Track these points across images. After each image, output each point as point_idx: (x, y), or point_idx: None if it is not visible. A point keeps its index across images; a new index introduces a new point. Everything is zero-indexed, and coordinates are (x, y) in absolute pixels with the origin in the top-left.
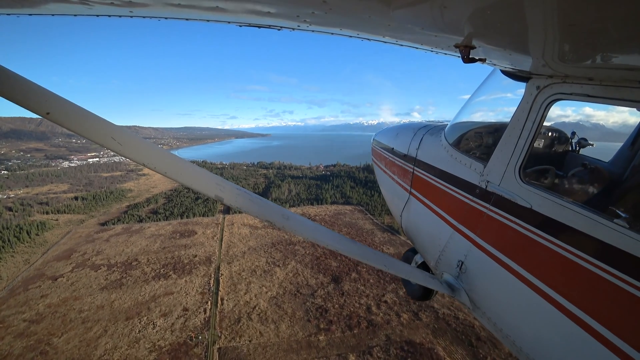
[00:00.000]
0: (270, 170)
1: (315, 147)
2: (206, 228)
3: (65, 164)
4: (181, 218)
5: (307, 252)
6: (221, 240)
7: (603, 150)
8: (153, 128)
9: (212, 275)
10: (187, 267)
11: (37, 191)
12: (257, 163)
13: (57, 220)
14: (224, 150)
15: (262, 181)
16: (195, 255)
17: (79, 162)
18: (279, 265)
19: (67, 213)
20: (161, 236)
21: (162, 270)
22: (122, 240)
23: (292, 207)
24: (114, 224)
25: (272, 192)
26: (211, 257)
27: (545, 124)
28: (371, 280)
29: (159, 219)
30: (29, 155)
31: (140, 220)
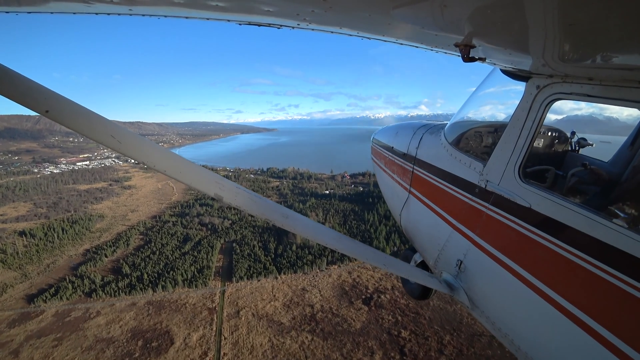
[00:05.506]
0: (285, 182)
1: (328, 144)
2: (191, 325)
3: (50, 169)
4: (154, 289)
5: None
6: None
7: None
8: (157, 124)
9: None
10: None
11: None
12: (267, 170)
13: None
14: (229, 149)
15: (276, 200)
16: None
17: (65, 167)
18: None
19: None
20: (111, 345)
21: None
22: (40, 356)
23: (334, 264)
24: (46, 299)
25: None
26: None
27: (548, 120)
28: None
29: (120, 289)
30: (16, 158)
31: (90, 293)
